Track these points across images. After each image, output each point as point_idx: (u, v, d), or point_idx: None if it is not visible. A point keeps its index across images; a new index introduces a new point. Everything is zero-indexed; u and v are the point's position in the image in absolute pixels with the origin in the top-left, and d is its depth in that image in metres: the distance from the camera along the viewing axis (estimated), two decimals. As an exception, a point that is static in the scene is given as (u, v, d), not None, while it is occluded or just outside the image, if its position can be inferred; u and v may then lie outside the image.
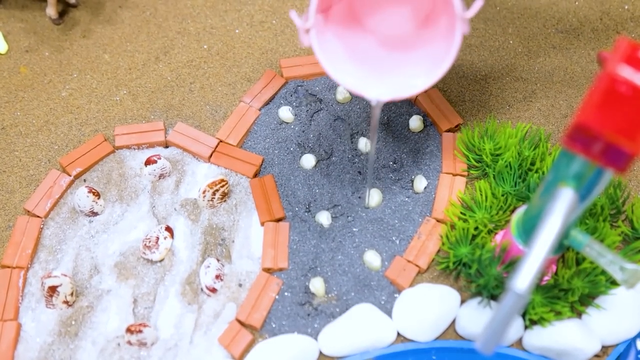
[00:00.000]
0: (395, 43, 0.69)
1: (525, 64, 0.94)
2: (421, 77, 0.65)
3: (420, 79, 0.65)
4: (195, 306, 0.75)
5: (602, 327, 0.72)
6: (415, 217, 0.80)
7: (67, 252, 0.78)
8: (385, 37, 0.69)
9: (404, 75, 0.67)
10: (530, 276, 0.52)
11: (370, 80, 0.67)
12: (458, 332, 0.74)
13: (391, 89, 0.65)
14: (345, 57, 0.67)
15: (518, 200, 0.78)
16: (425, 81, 0.64)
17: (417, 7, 0.68)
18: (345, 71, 0.66)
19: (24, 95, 0.90)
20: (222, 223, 0.80)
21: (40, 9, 0.98)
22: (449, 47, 0.63)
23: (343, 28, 0.68)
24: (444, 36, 0.65)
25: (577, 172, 0.55)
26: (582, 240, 0.62)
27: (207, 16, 0.98)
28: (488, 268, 0.71)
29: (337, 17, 0.67)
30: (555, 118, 0.89)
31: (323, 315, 0.75)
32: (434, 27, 0.67)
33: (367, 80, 0.66)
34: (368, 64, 0.68)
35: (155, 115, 0.88)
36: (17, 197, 0.82)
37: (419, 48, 0.68)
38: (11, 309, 0.74)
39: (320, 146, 0.85)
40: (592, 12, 0.99)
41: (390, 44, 0.69)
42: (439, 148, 0.85)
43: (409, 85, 0.65)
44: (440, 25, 0.66)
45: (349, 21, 0.68)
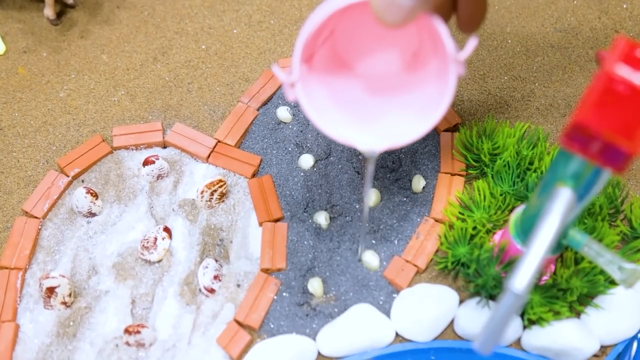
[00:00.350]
0: (384, 87, 0.66)
1: (524, 63, 0.93)
2: (415, 124, 0.60)
3: (414, 125, 0.60)
4: (193, 307, 0.75)
5: (601, 326, 0.72)
6: (413, 217, 0.80)
7: (65, 253, 0.78)
8: (372, 80, 0.66)
9: (396, 122, 0.63)
10: (528, 276, 0.51)
11: (360, 129, 0.63)
12: (457, 332, 0.74)
13: (384, 137, 0.61)
14: (332, 107, 0.64)
15: (516, 199, 0.78)
16: (420, 128, 0.59)
17: (404, 46, 0.64)
18: (334, 121, 0.62)
19: (21, 96, 0.90)
20: (220, 223, 0.80)
21: (37, 10, 0.98)
22: (443, 88, 0.58)
23: (328, 75, 0.65)
24: (436, 77, 0.61)
25: (575, 172, 0.55)
26: (580, 240, 0.62)
27: (205, 16, 0.98)
28: (486, 268, 0.71)
29: (320, 63, 0.64)
30: (554, 117, 0.89)
31: (321, 315, 0.75)
32: (424, 67, 0.64)
33: (357, 130, 0.63)
34: (357, 111, 0.64)
35: (153, 116, 0.88)
36: (15, 198, 0.82)
37: (409, 91, 0.64)
38: (9, 310, 0.74)
39: (318, 146, 0.85)
40: (591, 11, 0.99)
41: (379, 88, 0.66)
42: (437, 148, 0.85)
43: (403, 133, 0.61)
44: (430, 65, 0.62)
45: (333, 66, 0.65)
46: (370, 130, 0.63)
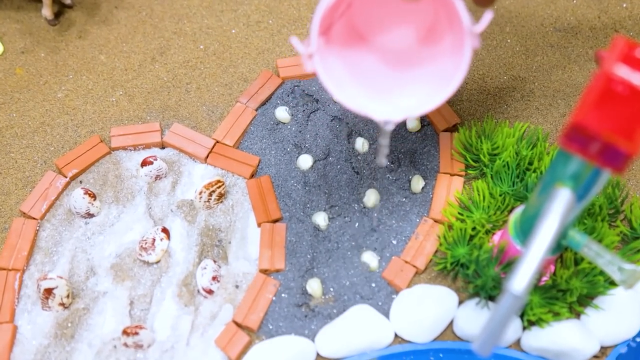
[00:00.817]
0: (400, 60, 0.67)
1: (523, 63, 0.93)
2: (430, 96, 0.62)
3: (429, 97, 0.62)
4: (191, 308, 0.75)
5: (600, 327, 0.72)
6: (412, 218, 0.80)
7: (63, 254, 0.78)
8: (389, 54, 0.67)
9: (412, 95, 0.64)
10: (528, 277, 0.51)
11: (377, 101, 0.64)
12: (456, 333, 0.74)
13: (400, 109, 0.62)
14: (349, 79, 0.65)
15: (516, 200, 0.77)
16: (435, 100, 0.61)
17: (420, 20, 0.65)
18: (351, 93, 0.63)
19: (19, 96, 0.90)
20: (218, 224, 0.80)
21: (35, 10, 0.98)
22: (458, 62, 0.59)
23: (345, 48, 0.66)
24: (451, 51, 0.62)
25: (575, 172, 0.55)
26: (580, 241, 0.62)
27: (203, 16, 0.97)
28: (486, 269, 0.71)
29: (338, 37, 0.65)
30: (553, 117, 0.88)
31: (320, 316, 0.75)
32: (439, 41, 0.65)
33: (373, 101, 0.64)
34: (373, 84, 0.65)
35: (151, 116, 0.88)
36: (12, 199, 0.82)
37: (425, 65, 0.65)
38: (7, 311, 0.74)
39: (317, 146, 0.85)
40: (590, 10, 0.99)
41: (395, 61, 0.66)
42: (437, 148, 0.85)
43: (418, 104, 0.62)
44: (445, 39, 0.63)
45: (350, 40, 0.66)
46: (386, 102, 0.64)
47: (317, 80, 0.90)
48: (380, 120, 0.62)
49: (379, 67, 0.67)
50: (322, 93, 0.89)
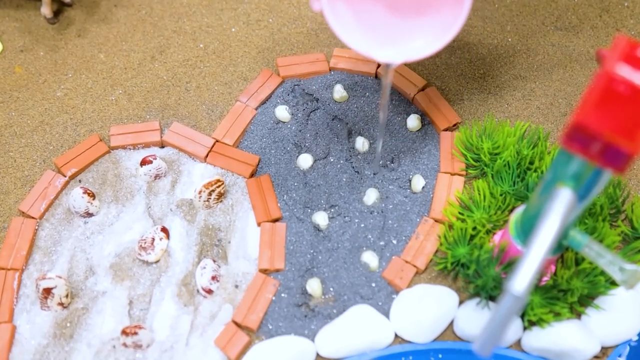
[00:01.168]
0: (404, 9, 0.69)
1: (524, 62, 0.93)
2: (430, 42, 0.65)
3: (429, 43, 0.65)
4: (191, 307, 0.75)
5: (601, 327, 0.72)
6: (413, 217, 0.80)
7: (62, 254, 0.78)
8: (394, 3, 0.69)
9: (413, 41, 0.67)
10: (528, 278, 0.51)
11: (380, 44, 0.67)
12: (456, 333, 0.74)
13: (402, 52, 0.66)
14: (355, 24, 0.67)
15: (517, 199, 0.77)
16: (435, 45, 0.64)
17: None
18: (356, 37, 0.66)
19: (18, 95, 0.90)
20: (218, 224, 0.80)
21: (35, 8, 0.98)
22: (458, 13, 0.64)
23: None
24: (454, 3, 0.65)
25: (576, 172, 0.55)
26: (581, 241, 0.61)
27: (203, 15, 0.97)
28: (486, 269, 0.71)
29: None
30: (554, 116, 0.88)
31: (320, 316, 0.74)
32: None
33: (377, 45, 0.67)
34: (378, 31, 0.68)
35: (150, 115, 0.88)
36: (11, 198, 0.82)
37: (428, 14, 0.68)
38: (6, 311, 0.74)
39: (317, 146, 0.85)
40: (592, 9, 0.98)
41: (400, 10, 0.69)
42: (437, 147, 0.84)
43: (418, 48, 0.66)
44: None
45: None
46: (389, 46, 0.67)
47: (317, 79, 0.90)
48: (383, 61, 0.66)
49: (384, 16, 0.69)
50: (322, 92, 0.88)
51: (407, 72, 0.90)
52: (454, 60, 0.93)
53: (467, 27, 0.96)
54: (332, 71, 0.91)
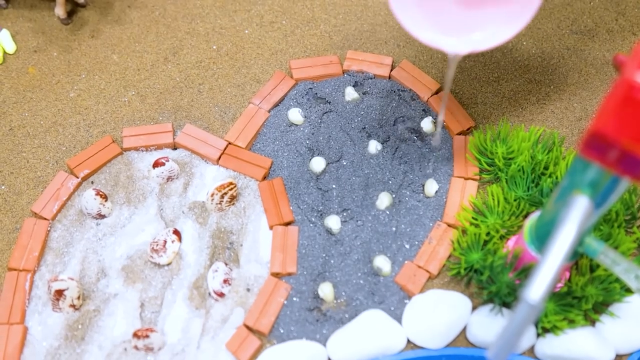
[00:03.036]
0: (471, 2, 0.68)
1: (539, 66, 0.92)
2: (497, 32, 0.64)
3: (495, 33, 0.64)
4: (202, 311, 0.74)
5: (616, 335, 0.71)
6: (426, 222, 0.79)
7: (74, 255, 0.78)
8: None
9: (480, 30, 0.66)
10: (544, 286, 0.50)
11: (446, 34, 0.66)
12: (469, 339, 0.73)
13: (468, 42, 0.65)
14: (420, 16, 0.66)
15: (531, 205, 0.77)
16: (502, 34, 0.64)
17: None
18: (421, 26, 0.66)
19: (32, 95, 0.90)
20: (230, 226, 0.80)
21: (48, 9, 0.98)
22: (526, 4, 0.62)
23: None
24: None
25: (593, 180, 0.54)
26: (596, 248, 0.61)
27: (216, 16, 0.97)
28: (500, 275, 0.70)
29: None
30: (569, 121, 0.87)
31: (332, 321, 0.74)
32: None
33: (443, 34, 0.66)
34: (443, 21, 0.66)
35: (163, 117, 0.88)
36: (24, 199, 0.82)
37: (495, 4, 0.66)
38: (18, 312, 0.74)
39: (330, 149, 0.84)
40: (608, 12, 0.98)
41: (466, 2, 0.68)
42: (451, 151, 0.84)
43: (486, 38, 0.65)
44: None
45: None
46: (456, 36, 0.66)
47: (331, 81, 0.89)
48: (450, 51, 0.65)
49: (449, 5, 0.67)
50: (335, 95, 0.88)
51: (420, 75, 0.89)
52: (468, 63, 0.92)
53: None
54: (346, 74, 0.90)
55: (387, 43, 0.94)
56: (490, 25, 0.65)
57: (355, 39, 0.94)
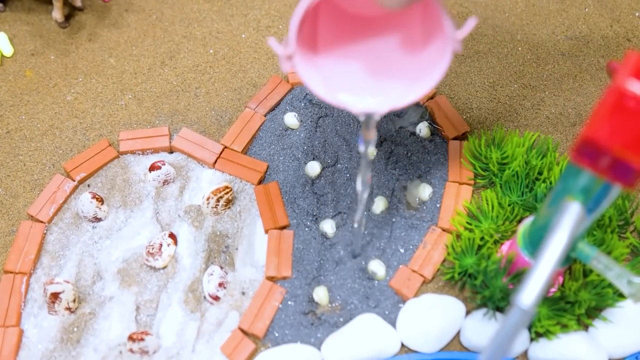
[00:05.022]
0: (382, 59, 0.65)
1: (534, 71, 0.93)
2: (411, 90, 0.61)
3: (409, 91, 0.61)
4: (198, 314, 0.75)
5: (609, 340, 0.72)
6: (420, 226, 0.80)
7: (70, 258, 0.78)
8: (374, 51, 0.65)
9: (394, 88, 0.63)
10: (536, 291, 0.51)
11: (361, 96, 0.63)
12: (463, 343, 0.73)
13: (384, 102, 0.61)
14: (331, 79, 0.63)
15: (525, 210, 0.77)
16: (412, 95, 0.60)
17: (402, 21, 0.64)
18: (336, 87, 0.62)
19: (29, 99, 0.90)
20: (226, 230, 0.80)
21: (46, 12, 0.98)
22: (437, 62, 0.59)
23: (334, 43, 0.64)
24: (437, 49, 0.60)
25: (585, 186, 0.55)
26: (589, 253, 0.61)
27: (213, 20, 0.97)
28: (494, 279, 0.70)
29: (326, 37, 0.64)
30: (564, 126, 0.88)
31: (326, 324, 0.74)
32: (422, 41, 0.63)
33: (359, 95, 0.62)
34: (355, 83, 0.64)
35: (160, 120, 0.88)
36: (20, 202, 0.82)
37: (406, 63, 0.64)
38: (13, 315, 0.74)
39: (325, 153, 0.85)
40: (602, 19, 0.98)
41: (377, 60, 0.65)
42: (446, 156, 0.84)
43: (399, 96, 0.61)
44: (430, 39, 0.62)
45: (339, 35, 0.65)
46: (369, 96, 0.62)
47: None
48: (362, 112, 0.61)
49: (365, 63, 0.65)
50: (331, 99, 0.88)
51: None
52: (464, 69, 0.93)
53: (477, 36, 0.96)
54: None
55: (383, 48, 0.95)
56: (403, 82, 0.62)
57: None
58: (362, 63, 0.64)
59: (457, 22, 0.97)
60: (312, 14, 0.60)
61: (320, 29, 0.64)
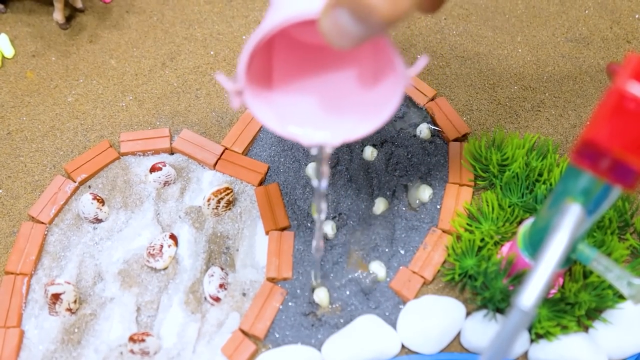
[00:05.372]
0: (334, 92, 0.64)
1: (534, 73, 0.93)
2: (366, 122, 0.59)
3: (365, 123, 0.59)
4: (198, 315, 0.75)
5: (609, 341, 0.72)
6: (420, 228, 0.80)
7: (71, 259, 0.78)
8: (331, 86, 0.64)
9: (347, 122, 0.61)
10: (537, 293, 0.51)
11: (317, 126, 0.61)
12: (463, 344, 0.74)
13: (337, 134, 0.60)
14: (292, 110, 0.62)
15: (525, 212, 0.77)
16: (367, 127, 0.58)
17: (359, 61, 0.63)
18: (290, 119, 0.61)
19: (30, 100, 0.90)
20: (226, 231, 0.80)
21: (47, 14, 0.98)
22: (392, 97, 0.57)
23: (288, 79, 0.63)
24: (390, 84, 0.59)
25: (585, 188, 0.55)
26: (589, 255, 0.61)
27: (214, 22, 0.98)
28: (494, 281, 0.71)
29: (281, 69, 0.63)
30: (564, 128, 0.88)
31: (327, 326, 0.74)
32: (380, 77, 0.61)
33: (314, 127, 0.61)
34: (308, 115, 0.63)
35: (161, 122, 0.88)
36: (21, 203, 0.82)
37: (360, 95, 0.63)
38: (14, 315, 0.74)
39: (326, 155, 0.85)
40: (602, 20, 0.98)
41: (329, 93, 0.64)
42: (446, 157, 0.84)
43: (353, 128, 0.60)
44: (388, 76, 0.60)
45: (294, 71, 0.64)
46: (324, 128, 0.61)
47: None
48: (313, 144, 0.60)
49: (319, 98, 0.64)
50: (331, 101, 0.89)
51: (416, 82, 0.90)
52: (464, 70, 0.93)
53: (478, 38, 0.96)
54: (342, 80, 0.91)
55: (383, 50, 0.95)
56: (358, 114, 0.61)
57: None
58: (317, 96, 0.63)
59: (458, 23, 0.98)
60: (266, 47, 0.59)
61: (275, 62, 0.63)
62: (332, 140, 0.59)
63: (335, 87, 0.64)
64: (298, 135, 0.59)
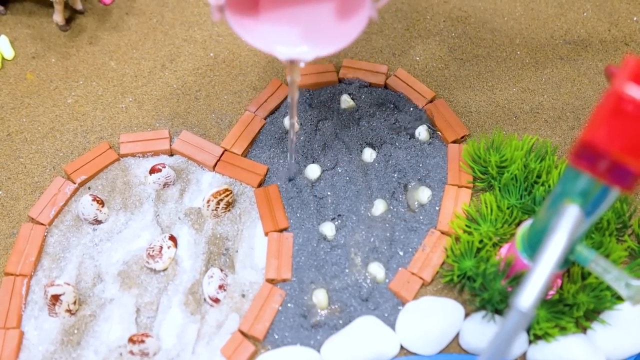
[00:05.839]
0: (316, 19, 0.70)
1: (533, 75, 0.93)
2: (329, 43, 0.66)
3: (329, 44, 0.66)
4: (198, 316, 0.75)
5: (607, 342, 0.72)
6: (419, 229, 0.80)
7: (71, 260, 0.78)
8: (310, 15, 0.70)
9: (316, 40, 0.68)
10: (535, 294, 0.51)
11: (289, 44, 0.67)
12: (462, 345, 0.74)
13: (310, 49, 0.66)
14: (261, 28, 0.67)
15: (523, 213, 0.77)
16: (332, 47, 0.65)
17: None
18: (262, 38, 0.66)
19: (29, 101, 0.90)
20: (226, 233, 0.80)
21: (47, 15, 0.99)
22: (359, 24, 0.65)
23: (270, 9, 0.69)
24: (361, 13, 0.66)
25: (583, 189, 0.55)
26: (587, 256, 0.62)
27: (213, 24, 0.98)
28: (492, 282, 0.71)
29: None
30: (562, 130, 0.88)
31: (326, 327, 0.75)
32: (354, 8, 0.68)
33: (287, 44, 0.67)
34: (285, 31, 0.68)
35: (160, 123, 0.88)
36: (21, 204, 0.82)
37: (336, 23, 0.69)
38: (14, 316, 0.74)
39: (325, 156, 0.85)
40: (601, 23, 0.99)
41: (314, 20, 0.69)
42: (445, 159, 0.85)
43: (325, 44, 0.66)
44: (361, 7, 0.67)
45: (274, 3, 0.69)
46: (299, 44, 0.67)
47: (326, 89, 0.90)
48: (287, 58, 0.65)
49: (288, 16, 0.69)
50: (331, 103, 0.89)
51: (415, 83, 0.90)
52: (463, 72, 0.93)
53: (476, 40, 0.96)
54: (341, 82, 0.91)
55: (382, 51, 0.95)
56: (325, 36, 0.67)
57: (350, 47, 0.95)
58: (295, 23, 0.68)
59: (456, 25, 0.98)
60: None
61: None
62: (306, 54, 0.65)
63: (311, 16, 0.68)
64: (275, 50, 0.65)
